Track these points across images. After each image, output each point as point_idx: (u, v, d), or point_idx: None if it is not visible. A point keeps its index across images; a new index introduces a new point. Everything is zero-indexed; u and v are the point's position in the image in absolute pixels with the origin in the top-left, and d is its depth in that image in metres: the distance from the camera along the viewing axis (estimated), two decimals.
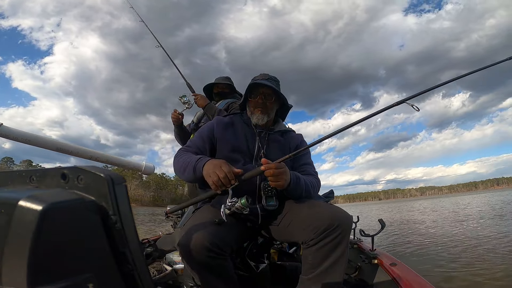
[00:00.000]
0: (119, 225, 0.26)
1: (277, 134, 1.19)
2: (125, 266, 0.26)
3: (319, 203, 0.98)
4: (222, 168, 0.88)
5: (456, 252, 4.37)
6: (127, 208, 0.26)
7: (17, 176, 0.29)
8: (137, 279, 0.26)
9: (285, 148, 1.16)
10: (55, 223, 0.22)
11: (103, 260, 0.25)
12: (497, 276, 3.05)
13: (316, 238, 0.86)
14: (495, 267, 3.34)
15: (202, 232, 0.82)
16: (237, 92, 1.97)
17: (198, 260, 0.80)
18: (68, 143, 1.34)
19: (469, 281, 2.99)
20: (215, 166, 0.89)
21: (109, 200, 0.25)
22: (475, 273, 3.19)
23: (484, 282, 2.91)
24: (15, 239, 0.22)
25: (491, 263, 3.53)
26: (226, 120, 1.18)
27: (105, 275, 0.25)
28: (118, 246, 0.26)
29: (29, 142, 1.21)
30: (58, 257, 0.22)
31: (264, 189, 1.01)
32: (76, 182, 0.26)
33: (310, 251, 0.88)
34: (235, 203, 0.88)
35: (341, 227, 0.85)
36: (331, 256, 0.85)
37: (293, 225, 0.96)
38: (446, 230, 7.00)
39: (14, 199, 0.22)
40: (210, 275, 0.83)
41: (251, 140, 1.13)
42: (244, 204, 0.87)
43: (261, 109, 1.14)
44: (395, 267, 1.26)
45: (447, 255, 4.22)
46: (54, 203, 0.22)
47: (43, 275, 0.21)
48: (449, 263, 3.73)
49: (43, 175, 0.28)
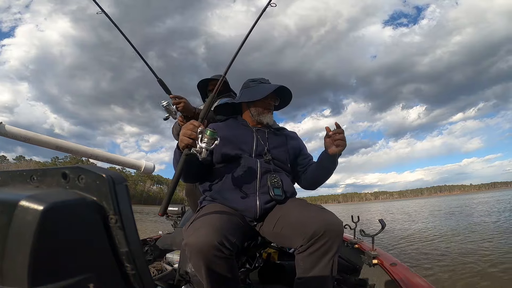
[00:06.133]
0: (120, 225, 0.25)
1: (274, 131, 1.27)
2: (126, 266, 0.26)
3: (310, 208, 0.99)
4: (187, 124, 0.94)
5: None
6: (128, 208, 0.26)
7: (17, 176, 0.29)
8: (137, 279, 0.26)
9: (282, 144, 1.24)
10: (55, 223, 0.22)
11: (103, 260, 0.25)
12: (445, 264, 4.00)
13: (305, 245, 0.88)
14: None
15: (210, 231, 0.83)
16: (232, 90, 1.92)
17: (205, 260, 0.81)
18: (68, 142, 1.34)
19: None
20: (182, 129, 0.94)
21: (110, 200, 0.25)
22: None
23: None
24: (15, 239, 0.22)
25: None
26: (221, 125, 1.25)
27: (105, 275, 0.25)
28: (118, 246, 0.26)
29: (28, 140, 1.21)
30: (58, 257, 0.22)
31: (271, 180, 1.08)
32: (77, 181, 0.26)
33: (301, 256, 0.89)
34: (202, 138, 0.90)
35: (329, 234, 0.85)
36: (320, 263, 0.86)
37: (285, 231, 0.98)
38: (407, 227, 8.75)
39: (15, 199, 0.22)
40: (216, 275, 0.83)
41: (249, 136, 1.18)
42: (211, 133, 0.89)
43: (271, 110, 1.25)
44: (395, 267, 1.26)
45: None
46: (55, 203, 0.22)
47: (44, 275, 0.21)
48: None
49: (43, 175, 0.28)
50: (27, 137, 1.15)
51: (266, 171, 1.11)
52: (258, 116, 1.23)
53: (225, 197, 1.07)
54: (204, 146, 0.88)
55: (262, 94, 1.19)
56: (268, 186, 1.07)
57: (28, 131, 1.16)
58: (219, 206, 1.04)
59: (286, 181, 1.14)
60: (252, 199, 1.06)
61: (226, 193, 1.08)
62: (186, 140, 0.91)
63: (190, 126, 0.91)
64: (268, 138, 1.20)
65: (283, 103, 1.33)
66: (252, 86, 1.26)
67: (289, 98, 1.31)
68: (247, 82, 1.30)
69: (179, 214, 2.36)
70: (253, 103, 1.23)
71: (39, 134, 1.20)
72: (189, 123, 0.93)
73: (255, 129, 1.22)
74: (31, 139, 1.16)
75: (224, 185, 1.09)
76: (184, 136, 0.92)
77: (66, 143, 1.30)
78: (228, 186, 1.08)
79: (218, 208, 1.02)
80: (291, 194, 1.14)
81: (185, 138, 0.91)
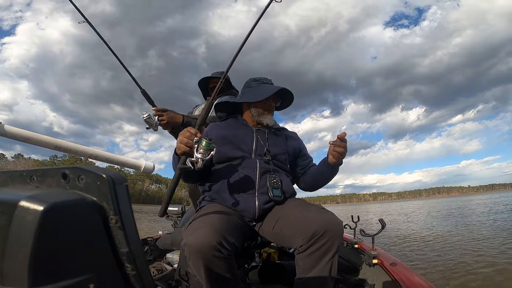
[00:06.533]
0: (120, 225, 0.25)
1: (275, 131, 1.27)
2: (126, 266, 0.26)
3: (310, 208, 0.99)
4: (184, 131, 0.93)
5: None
6: (128, 208, 0.26)
7: (17, 176, 0.29)
8: (138, 279, 0.26)
9: (282, 144, 1.24)
10: (56, 223, 0.22)
11: (104, 260, 0.25)
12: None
13: (305, 245, 0.87)
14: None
15: (209, 232, 0.83)
16: (233, 87, 1.91)
17: (204, 260, 0.81)
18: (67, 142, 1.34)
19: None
20: (179, 136, 0.93)
21: (110, 200, 0.25)
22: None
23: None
24: (15, 240, 0.22)
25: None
26: (221, 124, 1.25)
27: (106, 275, 0.25)
28: (119, 246, 0.25)
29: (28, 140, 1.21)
30: (59, 257, 0.22)
31: (270, 180, 1.08)
32: (77, 182, 0.26)
33: (300, 256, 0.89)
34: (198, 148, 0.89)
35: (329, 234, 0.85)
36: (320, 263, 0.86)
37: (285, 231, 0.98)
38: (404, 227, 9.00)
39: (15, 199, 0.22)
40: (215, 275, 0.83)
41: (248, 136, 1.18)
42: (206, 144, 0.88)
43: (271, 111, 1.25)
44: (395, 267, 1.26)
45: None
46: (55, 204, 0.22)
47: (44, 275, 0.21)
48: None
49: (43, 175, 0.28)
50: (27, 137, 1.15)
51: (265, 171, 1.11)
52: (258, 116, 1.22)
53: (224, 197, 1.07)
54: (200, 156, 0.88)
55: (263, 96, 1.19)
56: (267, 187, 1.07)
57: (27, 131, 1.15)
58: (218, 206, 1.04)
59: (286, 181, 1.14)
60: (251, 200, 1.05)
61: (225, 193, 1.07)
62: (183, 148, 0.91)
63: (186, 134, 0.91)
64: (268, 138, 1.20)
65: (285, 103, 1.33)
66: (254, 86, 1.25)
67: (291, 99, 1.31)
68: (248, 81, 1.29)
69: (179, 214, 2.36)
70: (254, 103, 1.23)
71: (38, 134, 1.20)
72: (186, 130, 0.92)
73: (255, 129, 1.21)
74: (31, 139, 1.16)
75: (223, 185, 1.09)
76: (180, 144, 0.91)
77: (66, 143, 1.30)
78: (227, 186, 1.08)
79: (217, 208, 1.02)
80: (290, 195, 1.14)
81: (182, 146, 0.91)
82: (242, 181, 1.07)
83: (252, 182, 1.07)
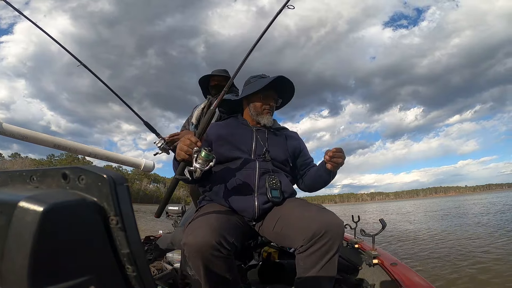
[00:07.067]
0: (121, 226, 0.25)
1: (275, 131, 1.26)
2: (127, 267, 0.25)
3: (310, 208, 0.99)
4: (185, 138, 0.92)
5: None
6: (128, 208, 0.26)
7: (17, 176, 0.29)
8: (138, 280, 0.26)
9: (282, 144, 1.23)
10: (55, 224, 0.22)
11: (104, 261, 0.25)
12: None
13: (306, 245, 0.87)
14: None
15: (208, 231, 0.83)
16: (235, 86, 1.89)
17: (204, 259, 0.80)
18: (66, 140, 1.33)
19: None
20: (180, 142, 0.93)
21: (111, 201, 0.24)
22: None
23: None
24: (15, 240, 0.21)
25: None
26: (221, 124, 1.25)
27: (106, 276, 0.25)
28: (119, 247, 0.25)
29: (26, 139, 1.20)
30: (59, 258, 0.22)
31: (269, 181, 1.07)
32: (77, 182, 0.25)
33: (301, 256, 0.89)
34: (197, 158, 0.88)
35: (329, 234, 0.85)
36: (321, 263, 0.86)
37: (285, 231, 0.97)
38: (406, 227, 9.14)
39: (14, 200, 0.22)
40: (215, 274, 0.83)
41: (248, 136, 1.18)
42: (206, 155, 0.87)
43: (270, 111, 1.23)
44: (396, 267, 1.26)
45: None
46: (55, 204, 0.22)
47: (44, 276, 0.21)
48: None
49: (43, 175, 0.27)
50: (25, 135, 1.14)
51: (264, 171, 1.10)
52: (257, 116, 1.22)
53: (223, 197, 1.07)
54: (198, 166, 0.87)
55: (260, 85, 1.18)
56: (266, 188, 1.06)
57: (26, 129, 1.15)
58: (218, 206, 1.04)
59: (285, 181, 1.14)
60: (250, 200, 1.05)
61: (225, 193, 1.07)
62: (182, 155, 0.90)
63: (187, 142, 0.90)
64: (268, 138, 1.20)
65: (285, 100, 1.33)
66: (252, 82, 1.26)
67: (291, 94, 1.29)
68: (248, 79, 1.30)
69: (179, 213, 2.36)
70: (252, 100, 1.22)
71: (36, 132, 1.19)
72: (186, 137, 0.91)
73: (255, 128, 1.21)
74: (29, 137, 1.16)
75: (223, 185, 1.09)
76: (180, 151, 0.91)
77: (65, 141, 1.29)
78: (226, 186, 1.08)
79: (216, 208, 1.02)
80: (289, 195, 1.13)
81: (181, 153, 0.90)
82: (241, 182, 1.07)
83: (251, 182, 1.07)
